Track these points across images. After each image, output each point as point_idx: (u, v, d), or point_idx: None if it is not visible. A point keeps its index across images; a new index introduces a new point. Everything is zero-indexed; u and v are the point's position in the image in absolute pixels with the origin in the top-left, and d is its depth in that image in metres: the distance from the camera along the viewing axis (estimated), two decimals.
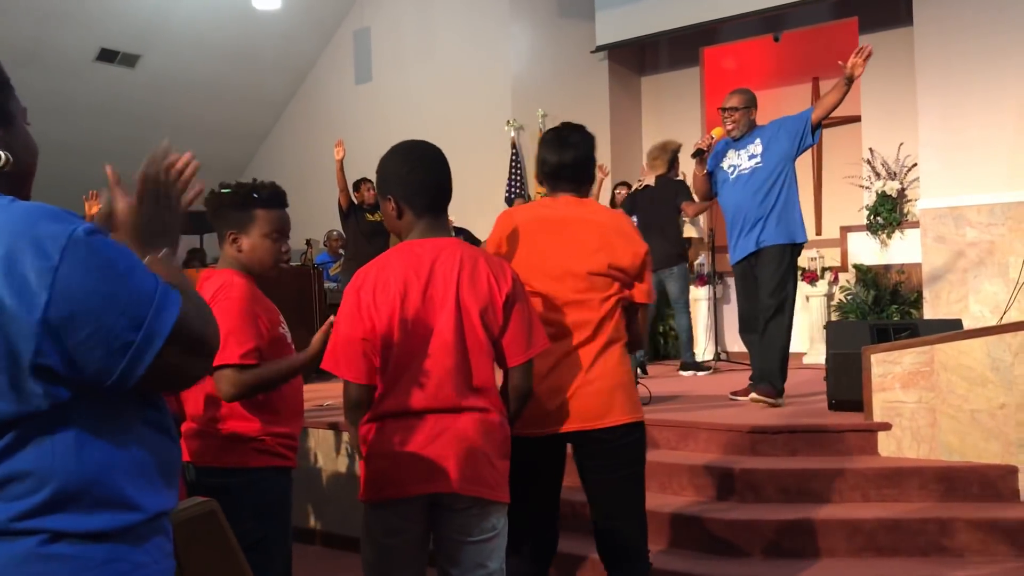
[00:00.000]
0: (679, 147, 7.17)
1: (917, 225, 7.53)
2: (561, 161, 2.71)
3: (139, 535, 1.20)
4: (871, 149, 8.37)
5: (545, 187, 2.83)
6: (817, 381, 5.45)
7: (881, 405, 4.24)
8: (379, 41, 10.91)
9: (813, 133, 4.85)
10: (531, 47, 9.90)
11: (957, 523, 3.66)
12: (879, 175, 8.20)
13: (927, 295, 7.23)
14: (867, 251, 8.04)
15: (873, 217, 7.99)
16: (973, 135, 7.02)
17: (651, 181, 7.18)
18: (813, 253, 8.31)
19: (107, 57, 10.16)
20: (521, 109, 9.57)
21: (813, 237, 9.36)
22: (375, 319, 2.22)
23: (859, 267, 7.92)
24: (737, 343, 6.32)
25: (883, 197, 7.98)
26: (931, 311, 7.12)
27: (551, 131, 2.82)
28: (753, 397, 4.84)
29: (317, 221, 9.67)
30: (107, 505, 1.17)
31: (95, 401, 1.17)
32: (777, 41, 9.56)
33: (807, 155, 6.30)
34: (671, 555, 3.73)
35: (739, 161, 4.96)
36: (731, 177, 4.98)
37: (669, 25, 9.01)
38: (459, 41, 10.11)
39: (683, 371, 7.01)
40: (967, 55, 7.03)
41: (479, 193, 9.41)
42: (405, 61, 10.59)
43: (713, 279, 8.29)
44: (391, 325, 2.21)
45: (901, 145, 8.07)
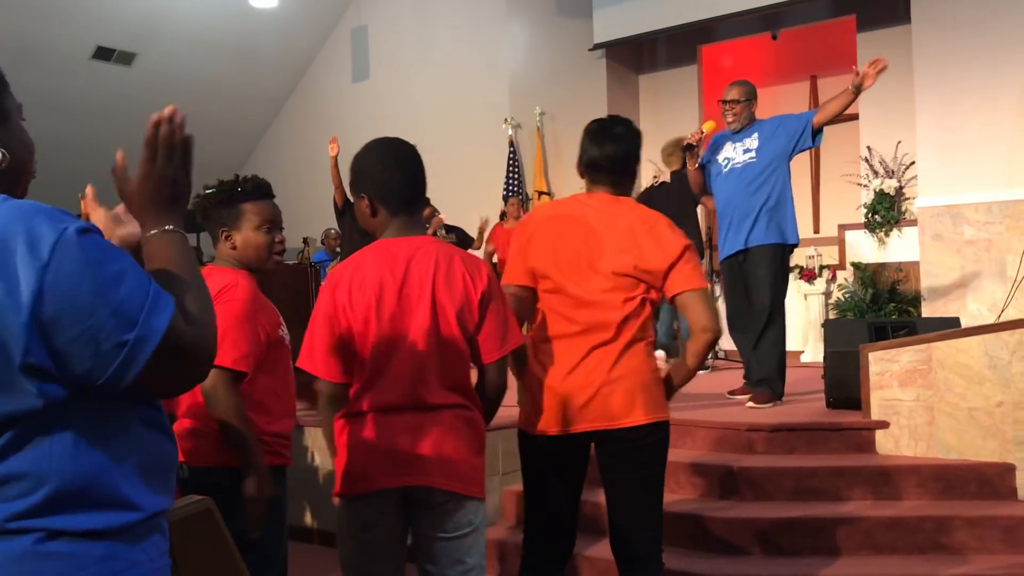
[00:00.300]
0: None
1: (915, 223, 7.53)
2: (602, 153, 2.65)
3: (136, 534, 1.20)
4: (869, 147, 8.38)
5: (585, 180, 2.75)
6: (815, 379, 5.45)
7: (879, 403, 4.24)
8: (377, 39, 10.91)
9: (814, 137, 4.78)
10: (529, 45, 9.89)
11: (954, 521, 3.67)
12: (877, 173, 8.20)
13: (925, 293, 7.23)
14: (865, 249, 8.05)
15: (871, 215, 8.00)
16: (971, 133, 7.02)
17: (667, 177, 7.17)
18: (811, 251, 8.32)
19: (103, 55, 10.14)
20: (519, 107, 9.56)
21: (811, 235, 9.41)
22: (351, 319, 2.22)
23: (857, 265, 7.92)
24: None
25: (881, 195, 7.99)
26: (929, 309, 7.12)
27: (596, 122, 2.75)
28: (750, 407, 4.74)
29: (315, 219, 9.67)
30: (105, 505, 1.17)
31: (92, 401, 1.16)
32: (775, 39, 9.56)
33: (805, 153, 6.28)
34: (669, 553, 3.65)
35: (734, 155, 4.89)
36: (724, 170, 4.91)
37: (667, 23, 9.00)
38: (457, 39, 10.10)
39: None
40: (965, 53, 7.03)
41: (476, 191, 9.41)
42: (403, 59, 10.58)
43: (712, 277, 8.29)
44: (367, 325, 2.21)
45: (899, 143, 8.08)
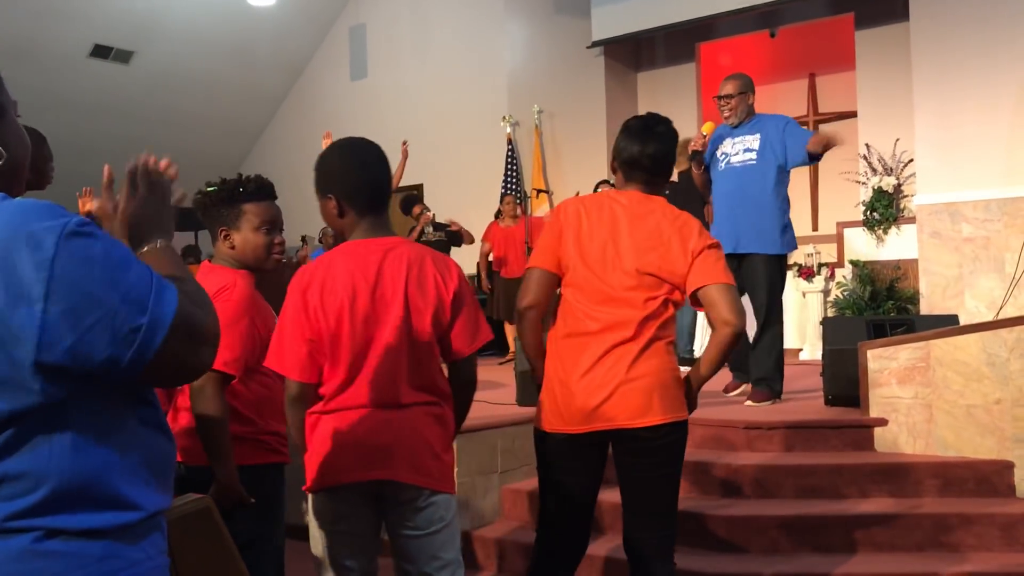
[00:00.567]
0: None
1: (913, 221, 7.53)
2: (643, 151, 2.63)
3: (135, 533, 1.20)
4: (867, 145, 8.38)
5: (618, 176, 2.72)
6: (814, 377, 5.44)
7: (877, 401, 4.24)
8: (374, 37, 10.90)
9: (810, 160, 4.73)
10: (527, 43, 9.89)
11: (953, 518, 3.67)
12: (875, 171, 8.21)
13: (923, 291, 7.23)
14: (863, 247, 8.05)
15: (869, 213, 8.00)
16: (969, 131, 7.02)
17: (674, 177, 7.15)
18: (810, 249, 8.32)
19: (101, 53, 10.13)
20: (517, 105, 9.55)
21: (809, 233, 9.41)
22: (322, 321, 2.22)
23: (855, 263, 7.92)
24: None
25: (879, 193, 8.00)
26: (927, 307, 7.12)
27: (636, 119, 2.71)
28: (748, 405, 4.75)
29: (313, 217, 9.55)
30: (104, 505, 1.16)
31: (92, 400, 1.16)
32: (773, 37, 9.56)
33: None
34: None
35: (732, 151, 4.83)
36: (721, 167, 4.88)
37: (665, 21, 9.00)
38: (455, 37, 10.10)
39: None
40: (963, 50, 7.03)
41: (474, 189, 9.41)
42: (400, 57, 10.58)
43: None
44: (339, 327, 2.22)
45: (897, 141, 8.08)
